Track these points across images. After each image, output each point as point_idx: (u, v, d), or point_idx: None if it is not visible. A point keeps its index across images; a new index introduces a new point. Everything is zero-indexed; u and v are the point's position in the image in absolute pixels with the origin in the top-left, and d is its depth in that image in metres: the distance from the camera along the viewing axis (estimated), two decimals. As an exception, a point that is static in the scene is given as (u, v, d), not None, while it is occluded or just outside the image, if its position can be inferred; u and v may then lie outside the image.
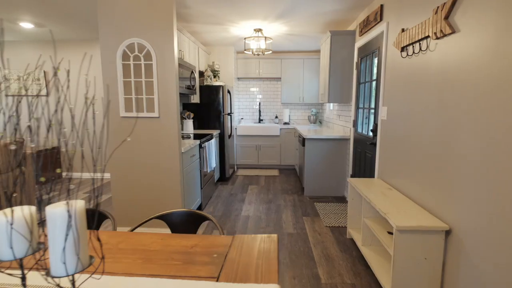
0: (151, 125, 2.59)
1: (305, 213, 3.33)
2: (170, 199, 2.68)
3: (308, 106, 5.95)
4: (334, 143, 3.82)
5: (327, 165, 3.87)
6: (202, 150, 3.36)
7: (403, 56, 2.21)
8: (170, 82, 2.53)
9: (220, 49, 5.14)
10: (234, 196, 3.95)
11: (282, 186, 4.40)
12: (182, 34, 3.58)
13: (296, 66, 5.53)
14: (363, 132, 3.25)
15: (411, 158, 2.06)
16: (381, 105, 2.66)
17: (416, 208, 1.88)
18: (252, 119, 6.04)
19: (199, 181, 3.30)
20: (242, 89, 5.98)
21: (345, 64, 3.68)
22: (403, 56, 2.22)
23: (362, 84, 3.28)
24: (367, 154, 3.04)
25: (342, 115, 4.14)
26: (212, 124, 4.57)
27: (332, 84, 3.74)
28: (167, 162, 2.62)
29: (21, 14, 3.35)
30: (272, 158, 5.51)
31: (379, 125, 2.68)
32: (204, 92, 4.50)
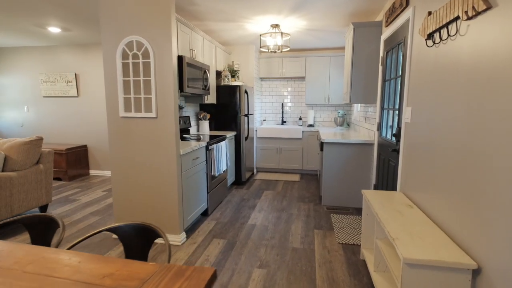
0: (149, 126, 2.49)
1: (318, 225, 3.00)
2: (167, 203, 2.56)
3: (335, 107, 5.53)
4: (356, 148, 3.42)
5: (348, 172, 3.48)
6: (209, 153, 3.21)
7: (429, 45, 1.82)
8: (168, 82, 2.41)
9: (240, 48, 4.98)
10: (246, 201, 3.74)
11: (299, 193, 4.09)
12: (194, 32, 3.47)
13: (321, 64, 5.16)
14: (386, 136, 2.83)
15: (437, 170, 1.67)
16: (405, 105, 2.25)
17: (438, 235, 1.49)
18: (275, 120, 5.78)
19: (205, 185, 3.15)
20: (265, 89, 5.76)
21: (370, 60, 3.27)
22: (428, 45, 1.82)
23: (388, 82, 2.87)
24: (390, 162, 2.63)
25: (368, 117, 3.71)
26: (228, 126, 4.42)
27: (354, 83, 3.35)
28: (165, 164, 2.50)
29: (48, 20, 3.51)
30: (294, 162, 5.20)
31: (403, 129, 2.28)
32: (221, 92, 4.37)
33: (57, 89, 5.13)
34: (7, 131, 5.49)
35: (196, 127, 4.37)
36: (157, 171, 2.53)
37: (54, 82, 5.12)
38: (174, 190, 2.52)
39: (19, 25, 3.71)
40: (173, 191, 2.53)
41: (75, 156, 4.84)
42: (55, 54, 5.05)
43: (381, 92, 3.03)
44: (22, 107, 5.33)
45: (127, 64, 2.45)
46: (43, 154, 3.30)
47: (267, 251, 2.46)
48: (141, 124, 2.51)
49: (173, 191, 2.53)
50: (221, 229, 2.91)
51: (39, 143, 3.20)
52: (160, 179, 2.54)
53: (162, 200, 2.57)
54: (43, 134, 5.32)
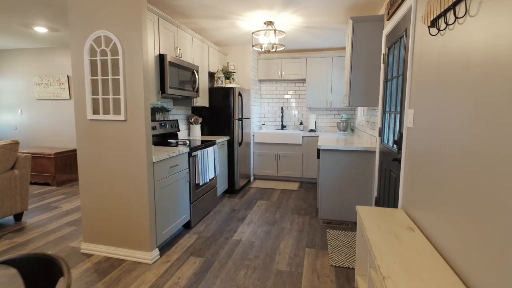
0: (118, 129, 2.25)
1: (311, 242, 2.67)
2: (137, 216, 2.29)
3: (338, 111, 5.19)
4: (357, 156, 3.08)
5: (347, 183, 3.14)
6: (193, 160, 2.94)
7: (433, 33, 1.50)
8: (138, 81, 2.16)
9: (236, 49, 4.73)
10: (236, 212, 3.44)
11: (295, 204, 3.76)
12: (181, 30, 3.24)
13: (323, 65, 4.85)
14: (388, 143, 2.49)
15: (444, 185, 1.34)
16: (406, 107, 1.92)
17: (443, 272, 1.16)
18: (275, 125, 5.49)
19: (187, 195, 2.87)
20: (264, 92, 5.48)
21: (371, 58, 2.95)
22: (432, 33, 1.51)
23: (389, 82, 2.54)
24: (391, 173, 2.29)
25: (371, 121, 3.37)
26: (221, 130, 4.15)
27: (354, 84, 3.03)
28: (135, 173, 2.25)
29: (34, 19, 3.36)
30: (293, 169, 4.87)
31: (405, 135, 1.94)
32: (214, 95, 4.12)
33: (50, 92, 5.00)
34: (1, 135, 5.40)
35: (187, 131, 4.13)
36: (127, 180, 2.28)
37: (47, 84, 5.00)
38: (144, 202, 2.26)
39: (4, 24, 3.58)
40: (143, 202, 2.26)
41: (64, 161, 4.67)
42: (48, 56, 4.94)
43: (383, 94, 2.70)
44: (16, 110, 5.24)
45: (95, 61, 2.22)
46: (19, 159, 3.12)
47: (248, 274, 2.15)
48: (109, 128, 2.27)
49: (144, 203, 2.26)
50: (201, 245, 2.62)
51: (14, 147, 3.01)
52: (130, 189, 2.28)
53: (132, 212, 2.30)
54: (36, 138, 5.20)
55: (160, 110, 3.31)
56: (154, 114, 3.22)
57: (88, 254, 2.43)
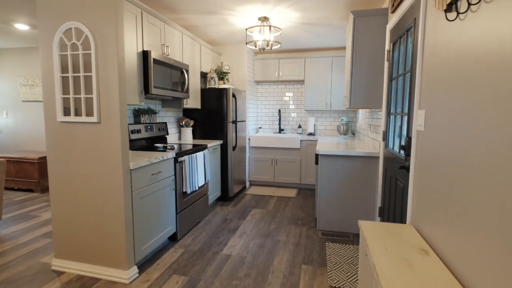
0: (90, 133, 2.01)
1: (308, 258, 2.41)
2: (112, 230, 2.04)
3: (338, 114, 4.95)
4: (358, 162, 2.83)
5: (348, 191, 2.89)
6: (180, 166, 2.70)
7: (450, 18, 1.26)
8: (112, 78, 1.92)
9: (231, 48, 4.51)
10: (228, 222, 3.19)
11: (293, 213, 3.50)
12: (169, 26, 3.02)
13: (322, 66, 4.62)
14: (393, 148, 2.25)
15: (467, 197, 1.09)
16: (416, 108, 1.68)
17: (471, 315, 0.91)
18: (272, 128, 5.24)
19: (172, 204, 2.62)
20: (260, 94, 5.25)
21: (374, 56, 2.71)
22: (449, 18, 1.27)
23: (395, 81, 2.30)
24: (398, 182, 2.04)
25: (373, 124, 3.12)
26: (214, 133, 3.91)
27: (355, 83, 2.79)
28: (109, 181, 2.00)
29: (13, 15, 3.15)
30: (291, 175, 4.62)
31: (414, 139, 1.70)
32: (206, 96, 3.89)
33: (36, 93, 4.78)
34: (-15, 138, 5.17)
35: (177, 135, 3.89)
36: (100, 190, 2.03)
37: (33, 85, 4.77)
38: (120, 214, 2.01)
39: (-19, 21, 3.37)
40: (119, 214, 2.01)
41: (49, 166, 4.43)
42: (33, 56, 4.72)
43: (387, 94, 2.46)
44: (1, 112, 5.01)
45: (65, 57, 1.99)
46: (-7, 165, 2.87)
47: (235, 297, 1.89)
48: (82, 131, 2.02)
49: (119, 215, 2.01)
50: (187, 260, 2.36)
51: (-14, 152, 2.77)
52: (104, 199, 2.03)
53: (107, 226, 2.05)
54: (22, 141, 4.96)
55: (146, 112, 3.08)
56: (139, 116, 2.98)
57: (59, 272, 2.17)
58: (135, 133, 2.83)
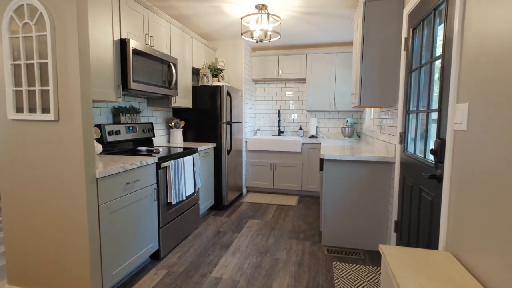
0: (47, 133, 1.64)
1: (313, 283, 2.03)
2: (74, 251, 1.67)
3: (342, 115, 4.59)
4: (369, 168, 2.47)
5: (357, 201, 2.52)
6: (163, 172, 2.33)
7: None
8: (73, 67, 1.56)
9: (227, 43, 4.16)
10: (221, 236, 2.81)
11: (294, 225, 3.13)
12: (154, 14, 2.67)
13: (325, 63, 4.27)
14: (416, 153, 1.88)
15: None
16: (452, 102, 1.32)
17: None
18: (271, 130, 4.88)
19: (154, 217, 2.25)
20: (258, 93, 4.90)
21: (387, 46, 2.36)
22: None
23: (415, 72, 1.94)
24: (423, 194, 1.67)
25: (384, 125, 2.77)
26: (207, 136, 3.55)
27: (365, 79, 2.43)
28: (69, 192, 1.63)
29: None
30: (291, 181, 4.25)
31: (449, 142, 1.34)
32: (198, 94, 3.53)
33: None
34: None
35: (166, 137, 3.52)
36: (59, 203, 1.66)
37: None
38: (82, 233, 1.64)
39: None
40: (81, 233, 1.64)
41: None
42: None
43: (405, 89, 2.10)
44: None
45: (17, 40, 1.63)
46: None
47: None
48: (37, 131, 1.66)
49: (82, 234, 1.64)
50: (169, 285, 1.98)
51: None
52: (63, 215, 1.66)
53: (67, 247, 1.68)
54: None
55: (127, 110, 2.71)
56: (118, 115, 2.62)
57: (12, 302, 1.80)
58: (114, 134, 2.47)
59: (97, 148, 2.14)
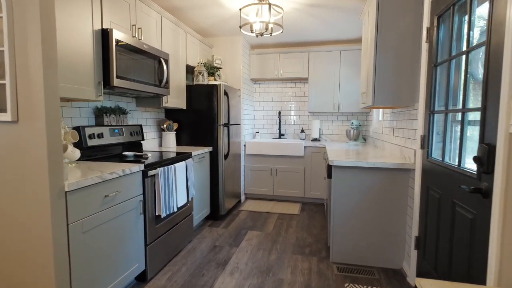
0: (3, 135, 1.35)
1: (324, 311, 1.74)
2: (38, 280, 1.37)
3: (347, 117, 4.33)
4: (383, 175, 2.19)
5: (370, 212, 2.24)
6: (151, 181, 2.04)
7: None
8: (35, 58, 1.28)
9: (224, 40, 3.89)
10: (217, 251, 2.52)
11: (298, 237, 2.84)
12: (143, 4, 2.39)
13: (329, 61, 4.01)
14: (445, 159, 1.61)
15: None
16: (506, 99, 1.05)
17: None
18: (271, 133, 4.61)
19: (140, 234, 1.96)
20: (258, 94, 4.63)
21: (404, 40, 2.10)
22: None
23: (440, 66, 1.68)
24: (459, 210, 1.40)
25: (398, 127, 2.50)
26: (202, 139, 3.26)
27: (380, 76, 2.17)
28: (31, 209, 1.34)
29: None
30: (293, 187, 3.97)
31: (502, 148, 1.07)
32: (193, 94, 3.25)
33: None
34: None
35: (158, 140, 3.23)
36: (19, 223, 1.37)
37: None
38: (46, 258, 1.34)
39: None
40: (44, 258, 1.35)
41: None
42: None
43: (428, 85, 1.84)
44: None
45: (-31, 25, 1.34)
46: None
47: None
48: (-8, 135, 1.37)
49: (45, 259, 1.35)
50: (155, 316, 1.69)
51: None
52: (23, 237, 1.37)
53: (29, 277, 1.38)
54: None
55: (112, 111, 2.43)
56: (101, 116, 2.33)
57: None
58: (95, 138, 2.18)
59: (74, 154, 1.85)
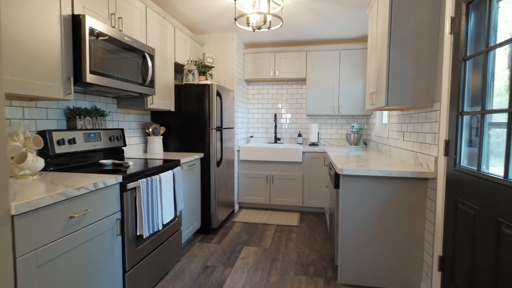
0: None
1: None
2: None
3: (347, 120, 4.10)
4: (399, 185, 1.94)
5: (384, 227, 1.98)
6: (131, 196, 1.72)
7: None
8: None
9: (216, 38, 3.62)
10: (209, 273, 2.21)
11: (299, 253, 2.56)
12: (124, -10, 2.09)
13: (328, 61, 3.78)
14: (481, 169, 1.36)
15: None
16: None
17: None
18: (266, 137, 4.33)
19: (117, 259, 1.63)
20: (252, 95, 4.35)
21: (418, 32, 1.87)
22: None
23: (471, 61, 1.44)
24: (506, 231, 1.15)
25: (410, 131, 2.26)
26: (193, 144, 2.96)
27: (394, 72, 1.93)
28: (-37, 242, 1.01)
29: None
30: (291, 195, 3.70)
31: None
32: (182, 95, 2.95)
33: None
34: None
35: (143, 146, 2.91)
36: (-51, 258, 1.04)
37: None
38: (-15, 308, 1.02)
39: None
40: (-17, 309, 1.02)
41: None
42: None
43: (454, 83, 1.60)
44: None
45: None
46: None
47: None
48: None
49: (-16, 310, 1.02)
50: None
51: None
52: (-46, 277, 1.04)
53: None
54: None
55: (87, 113, 2.10)
56: (74, 118, 2.00)
57: None
58: (65, 144, 1.85)
59: (35, 164, 1.52)
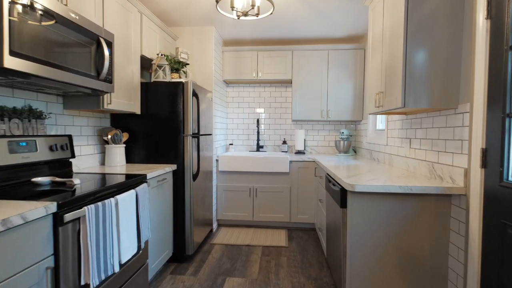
0: None
1: None
2: None
3: (334, 126, 3.80)
4: (417, 203, 1.60)
5: (400, 252, 1.63)
6: (71, 231, 1.21)
7: None
8: None
9: (192, 32, 3.16)
10: (184, 320, 1.71)
11: (294, 282, 2.14)
12: (70, -46, 1.59)
13: (316, 61, 3.47)
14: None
15: None
16: None
17: None
18: (247, 145, 3.91)
19: (46, 326, 1.11)
20: (231, 99, 3.92)
21: (435, 18, 1.57)
22: None
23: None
24: None
25: (420, 137, 1.96)
26: (163, 154, 2.45)
27: (412, 67, 1.60)
28: None
29: None
30: (277, 210, 3.29)
31: None
32: (150, 94, 2.45)
33: None
34: None
35: (99, 156, 2.35)
36: None
37: None
38: None
39: None
40: None
41: None
42: None
43: (494, 78, 1.29)
44: None
45: None
46: None
47: None
48: None
49: None
50: None
51: None
52: None
53: None
54: None
55: (16, 113, 1.55)
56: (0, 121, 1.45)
57: None
58: (-24, 157, 1.29)
59: None
